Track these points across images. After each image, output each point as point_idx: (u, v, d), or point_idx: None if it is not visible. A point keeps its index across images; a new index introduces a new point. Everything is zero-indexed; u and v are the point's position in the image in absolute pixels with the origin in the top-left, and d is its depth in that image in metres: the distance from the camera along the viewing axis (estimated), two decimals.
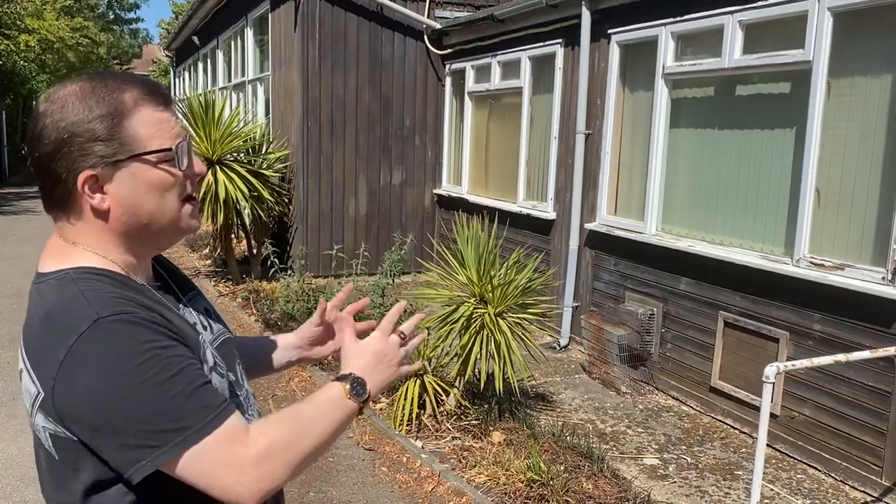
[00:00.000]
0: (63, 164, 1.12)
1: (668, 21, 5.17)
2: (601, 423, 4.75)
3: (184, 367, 1.07)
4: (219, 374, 1.19)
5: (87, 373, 1.03)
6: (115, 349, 1.04)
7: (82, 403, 1.04)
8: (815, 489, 3.94)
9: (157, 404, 1.03)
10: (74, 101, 1.12)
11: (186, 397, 1.05)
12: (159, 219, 1.17)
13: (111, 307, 1.06)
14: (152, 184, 1.15)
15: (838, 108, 4.07)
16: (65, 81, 1.17)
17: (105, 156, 1.12)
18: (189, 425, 1.04)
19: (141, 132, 1.13)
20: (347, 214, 8.69)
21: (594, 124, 6.10)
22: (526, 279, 4.47)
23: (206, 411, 1.06)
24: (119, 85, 1.14)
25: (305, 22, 8.19)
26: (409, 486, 3.88)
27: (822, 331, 4.10)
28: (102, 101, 1.12)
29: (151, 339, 1.06)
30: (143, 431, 1.03)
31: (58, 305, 1.09)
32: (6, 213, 14.19)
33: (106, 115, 1.11)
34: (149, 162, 1.14)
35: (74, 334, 1.04)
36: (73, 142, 1.11)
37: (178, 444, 1.04)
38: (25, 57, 17.57)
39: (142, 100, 1.14)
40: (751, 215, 4.68)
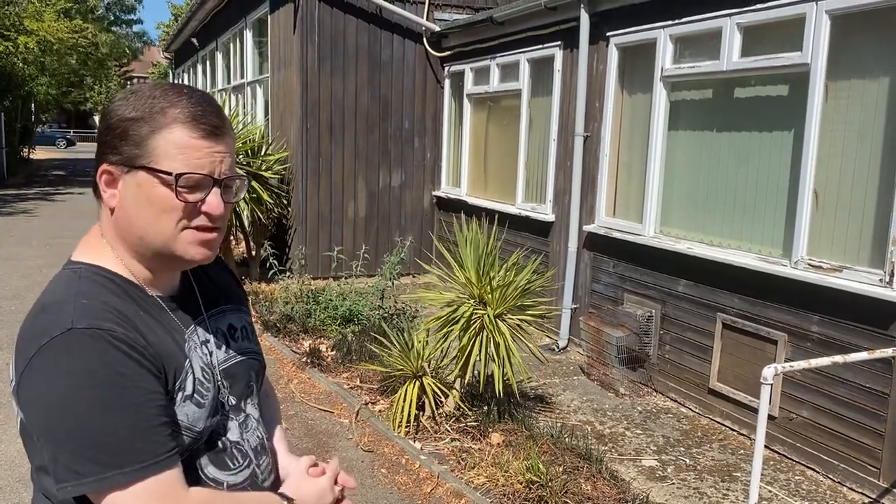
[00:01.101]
0: (100, 150, 1.17)
1: (667, 24, 5.18)
2: (600, 425, 4.76)
3: (140, 403, 1.05)
4: (196, 403, 1.16)
5: (45, 377, 1.03)
6: (76, 362, 1.03)
7: (35, 405, 1.06)
8: (814, 491, 3.95)
9: (98, 432, 1.02)
10: (132, 100, 1.15)
11: (131, 435, 1.04)
12: (152, 237, 1.15)
13: (90, 318, 1.06)
14: (151, 200, 1.14)
15: (836, 111, 4.09)
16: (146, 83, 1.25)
17: (124, 156, 1.14)
18: (122, 464, 1.03)
19: (162, 148, 1.13)
20: (346, 216, 8.70)
21: (593, 126, 6.11)
22: (525, 281, 4.47)
23: (145, 455, 1.04)
24: (173, 99, 1.14)
25: (304, 24, 8.20)
26: (408, 487, 3.88)
27: (820, 332, 4.11)
28: (147, 108, 1.13)
29: (117, 361, 1.04)
30: (76, 454, 1.02)
31: (52, 301, 1.11)
32: (5, 214, 14.18)
33: (140, 120, 1.13)
34: (157, 178, 1.13)
35: (47, 336, 1.04)
36: (109, 133, 1.15)
37: (105, 479, 1.02)
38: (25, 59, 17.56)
39: (181, 120, 1.13)
40: (749, 217, 4.69)
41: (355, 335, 6.01)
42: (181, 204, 1.14)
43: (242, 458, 1.26)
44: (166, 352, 1.13)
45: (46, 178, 22.42)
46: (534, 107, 7.12)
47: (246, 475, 1.26)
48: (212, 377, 1.22)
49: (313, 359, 5.68)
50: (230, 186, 1.20)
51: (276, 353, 6.07)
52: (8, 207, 15.16)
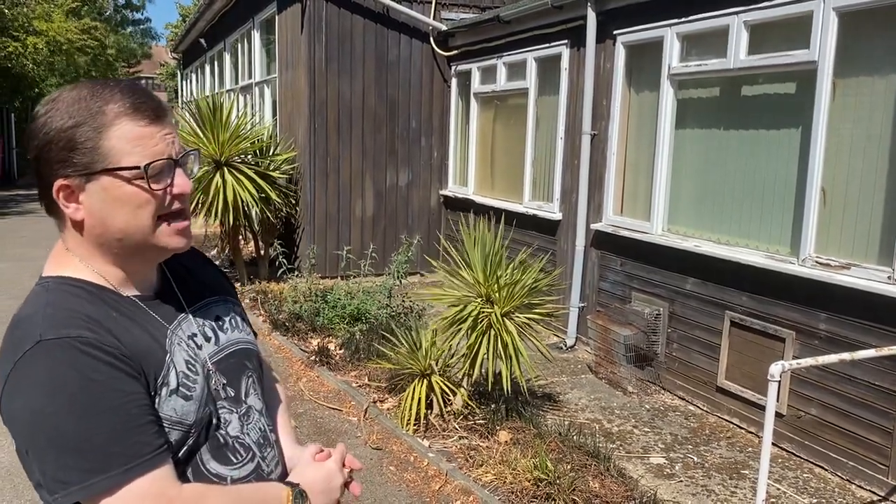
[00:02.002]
0: (45, 169, 1.13)
1: (674, 22, 5.18)
2: (608, 423, 4.77)
3: (118, 405, 1.04)
4: (183, 396, 1.15)
5: (22, 393, 1.03)
6: (50, 375, 1.02)
7: (17, 421, 1.05)
8: (822, 488, 3.95)
9: (78, 440, 1.01)
10: (60, 108, 1.12)
11: (112, 438, 1.03)
12: (132, 235, 1.15)
13: (57, 328, 1.05)
14: (123, 200, 1.12)
15: (844, 108, 4.08)
16: (64, 87, 1.18)
17: (79, 166, 1.10)
18: (105, 468, 1.02)
19: (116, 146, 1.11)
20: (354, 215, 8.73)
21: (600, 125, 6.12)
22: (532, 279, 4.49)
23: (130, 458, 1.04)
24: (106, 95, 1.12)
25: (312, 24, 8.23)
26: (416, 484, 3.90)
27: (828, 330, 4.11)
28: (83, 111, 1.11)
29: (90, 368, 1.03)
30: (60, 463, 1.02)
31: (23, 315, 1.11)
32: (15, 214, 14.29)
33: (83, 125, 1.10)
34: (121, 178, 1.11)
35: (20, 352, 1.04)
36: (51, 148, 1.11)
37: (91, 486, 1.01)
38: (34, 59, 17.67)
39: (125, 113, 1.12)
40: (757, 215, 4.69)
41: (363, 334, 6.04)
42: (153, 196, 1.14)
43: (245, 451, 1.25)
44: (143, 350, 1.12)
45: None
46: (541, 105, 7.12)
47: (250, 469, 1.25)
48: (199, 370, 1.20)
49: (322, 357, 5.71)
50: (186, 163, 1.20)
51: (285, 351, 6.10)
52: (18, 208, 15.27)
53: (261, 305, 7.25)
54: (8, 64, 17.01)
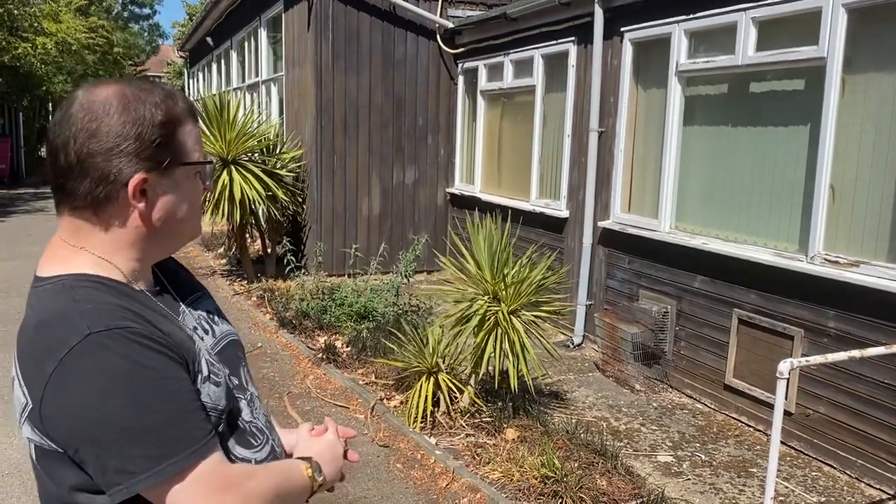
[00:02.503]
0: (117, 163, 1.11)
1: (681, 18, 5.16)
2: (615, 421, 4.76)
3: (174, 391, 1.06)
4: (214, 382, 1.17)
5: (74, 389, 1.01)
6: (104, 366, 1.02)
7: (68, 419, 1.03)
8: (831, 487, 3.93)
9: (142, 429, 1.02)
10: (135, 104, 1.13)
11: (173, 424, 1.04)
12: (185, 226, 1.22)
13: (105, 321, 1.04)
14: (188, 193, 1.20)
15: (853, 105, 4.06)
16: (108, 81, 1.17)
17: (158, 160, 1.14)
18: (170, 454, 1.03)
19: (187, 143, 1.18)
20: (361, 213, 8.73)
21: (607, 122, 6.10)
22: (539, 277, 4.48)
23: (191, 442, 1.05)
24: (169, 94, 1.19)
25: (319, 22, 8.24)
26: (423, 482, 3.90)
27: (837, 328, 4.09)
28: (161, 107, 1.14)
29: (143, 357, 1.04)
30: (124, 456, 1.01)
31: (51, 315, 1.08)
32: (23, 212, 14.35)
33: (166, 122, 1.14)
34: (190, 172, 1.20)
35: (66, 347, 1.02)
36: (132, 143, 1.11)
37: (159, 472, 1.02)
38: (42, 59, 17.74)
39: (186, 113, 1.19)
40: (765, 212, 4.67)
41: (370, 332, 6.04)
42: (203, 190, 1.25)
43: (260, 434, 1.28)
44: (179, 339, 1.13)
45: None
46: (548, 103, 7.11)
47: (268, 451, 1.28)
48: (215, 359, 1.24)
49: (329, 355, 5.72)
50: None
51: (293, 349, 6.11)
52: (26, 206, 15.34)
53: (267, 303, 7.27)
54: (17, 63, 17.08)
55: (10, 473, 3.90)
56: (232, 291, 8.03)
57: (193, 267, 9.25)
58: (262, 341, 6.33)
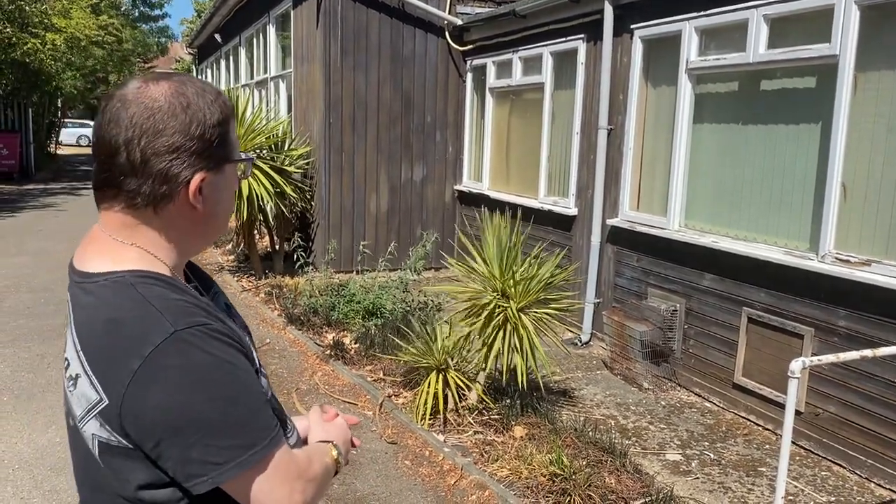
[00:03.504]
0: (181, 161, 1.12)
1: (692, 15, 5.14)
2: (623, 419, 4.75)
3: (251, 385, 1.11)
4: (263, 374, 1.23)
5: (161, 385, 1.03)
6: (190, 363, 1.04)
7: (153, 415, 1.04)
8: (840, 486, 3.92)
9: (226, 422, 1.06)
10: (197, 102, 1.14)
11: (253, 416, 1.09)
12: (226, 219, 1.27)
13: (184, 318, 1.07)
14: (232, 188, 1.24)
15: (865, 103, 4.03)
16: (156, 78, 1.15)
17: (216, 158, 1.17)
18: (253, 444, 1.07)
19: (234, 140, 1.23)
20: (369, 210, 8.74)
21: (616, 119, 6.08)
22: (548, 274, 4.47)
23: (267, 431, 1.10)
24: (219, 92, 1.22)
25: (327, 19, 8.24)
26: (431, 479, 3.90)
27: (847, 327, 4.07)
28: (217, 106, 1.16)
29: (223, 352, 1.08)
30: (209, 447, 1.04)
31: (125, 312, 1.08)
32: (32, 208, 14.42)
33: (223, 121, 1.17)
34: (235, 168, 1.24)
35: (150, 345, 1.03)
36: (198, 142, 1.13)
37: (243, 461, 1.06)
38: (52, 56, 17.80)
39: (230, 114, 1.22)
40: (775, 211, 4.65)
41: (378, 328, 6.05)
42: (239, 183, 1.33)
43: (290, 423, 1.33)
44: (237, 333, 1.17)
45: (74, 174, 22.75)
46: (557, 100, 7.09)
47: (296, 438, 1.33)
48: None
49: (337, 351, 5.72)
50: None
51: (301, 345, 6.12)
52: (35, 202, 15.41)
53: (275, 299, 7.28)
54: (27, 60, 17.15)
55: (21, 468, 3.92)
56: (240, 288, 8.05)
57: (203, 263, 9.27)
58: (270, 337, 6.34)
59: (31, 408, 4.69)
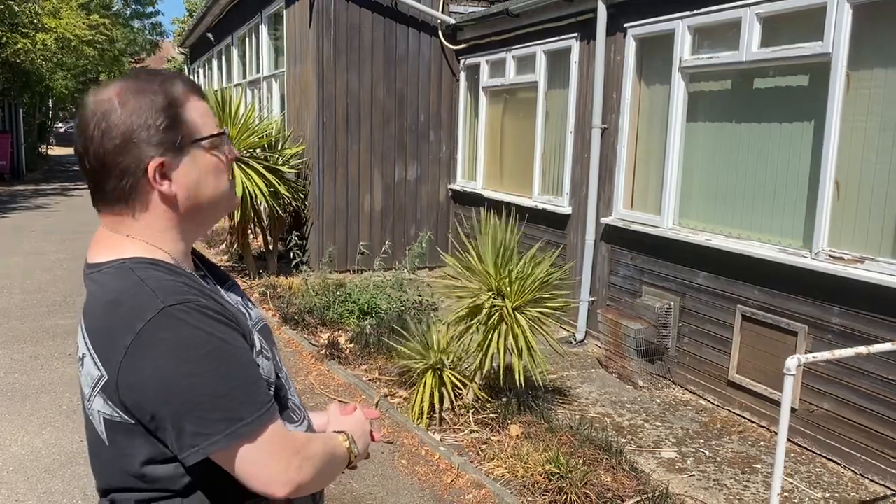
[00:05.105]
0: (132, 155, 1.17)
1: (685, 14, 5.15)
2: (618, 417, 4.76)
3: (241, 359, 1.14)
4: (265, 356, 1.26)
5: (152, 359, 1.08)
6: (180, 337, 1.08)
7: (146, 388, 1.09)
8: (835, 483, 3.94)
9: (215, 394, 1.09)
10: (135, 95, 1.18)
11: (244, 390, 1.12)
12: (216, 200, 1.26)
13: (175, 295, 1.12)
14: (210, 167, 1.24)
15: (858, 101, 4.05)
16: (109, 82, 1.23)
17: (171, 143, 1.19)
18: (243, 417, 1.10)
19: (195, 120, 1.22)
20: (363, 210, 8.73)
21: (610, 118, 6.09)
22: (544, 273, 4.48)
23: (259, 406, 1.12)
24: (166, 78, 1.23)
25: (320, 18, 8.22)
26: (428, 478, 3.91)
27: (841, 324, 4.09)
28: (160, 93, 1.19)
29: (213, 328, 1.11)
30: (200, 419, 1.08)
31: (122, 293, 1.14)
32: (24, 209, 14.34)
33: (167, 106, 1.19)
34: (204, 147, 1.22)
35: (141, 321, 1.08)
36: (141, 132, 1.17)
37: (231, 434, 1.09)
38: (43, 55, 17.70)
39: (188, 91, 1.23)
40: (769, 209, 4.67)
41: (373, 328, 6.04)
42: (226, 160, 1.27)
43: (299, 411, 1.36)
44: (235, 314, 1.20)
45: (65, 174, 22.64)
46: (550, 99, 7.10)
47: (305, 426, 1.36)
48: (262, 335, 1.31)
49: (332, 351, 5.72)
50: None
51: (295, 345, 6.11)
52: (27, 202, 15.34)
53: (270, 299, 7.27)
54: (17, 60, 17.05)
55: (16, 470, 3.90)
56: None
57: None
58: None
59: (24, 409, 4.66)
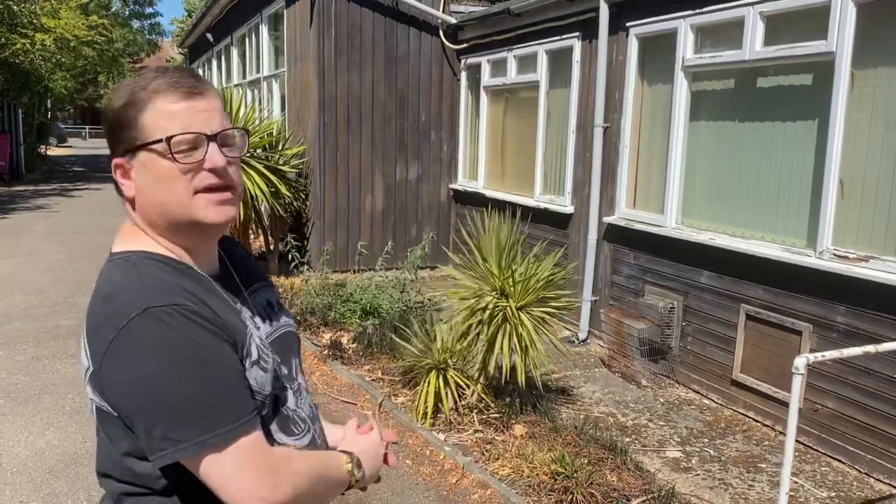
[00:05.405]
0: (110, 149, 1.22)
1: (688, 13, 5.15)
2: (622, 417, 4.75)
3: (220, 368, 1.11)
4: (262, 368, 1.22)
5: (129, 358, 1.08)
6: (158, 340, 1.07)
7: (121, 385, 1.09)
8: (840, 482, 3.93)
9: (189, 400, 1.07)
10: (117, 92, 1.20)
11: (220, 399, 1.09)
12: (171, 210, 1.18)
13: (163, 297, 1.10)
14: (159, 175, 1.16)
15: (862, 99, 4.05)
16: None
17: (126, 144, 1.18)
18: (216, 427, 1.08)
19: (150, 123, 1.15)
20: (364, 210, 8.72)
21: (612, 117, 6.09)
22: (548, 273, 4.47)
23: (234, 417, 1.10)
24: (149, 77, 1.19)
25: (321, 18, 8.21)
26: (433, 478, 3.90)
27: (846, 323, 4.08)
28: (127, 93, 1.18)
29: (195, 333, 1.09)
30: (170, 423, 1.06)
31: (117, 288, 1.15)
32: (24, 210, 14.32)
33: (128, 106, 1.17)
34: (155, 152, 1.15)
35: (125, 319, 1.08)
36: (109, 129, 1.21)
37: (200, 443, 1.07)
38: (42, 56, 17.68)
39: (159, 92, 1.16)
40: (773, 208, 4.66)
41: (376, 328, 6.03)
42: (185, 168, 1.16)
43: (302, 423, 1.33)
44: (231, 322, 1.18)
45: (64, 174, 22.62)
46: (552, 98, 7.09)
47: (308, 440, 1.32)
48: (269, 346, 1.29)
49: (334, 351, 5.71)
50: (231, 144, 1.22)
51: None
52: (27, 203, 15.30)
53: None
54: (16, 60, 17.02)
55: (20, 471, 3.88)
56: None
57: None
58: None
59: (27, 410, 4.65)
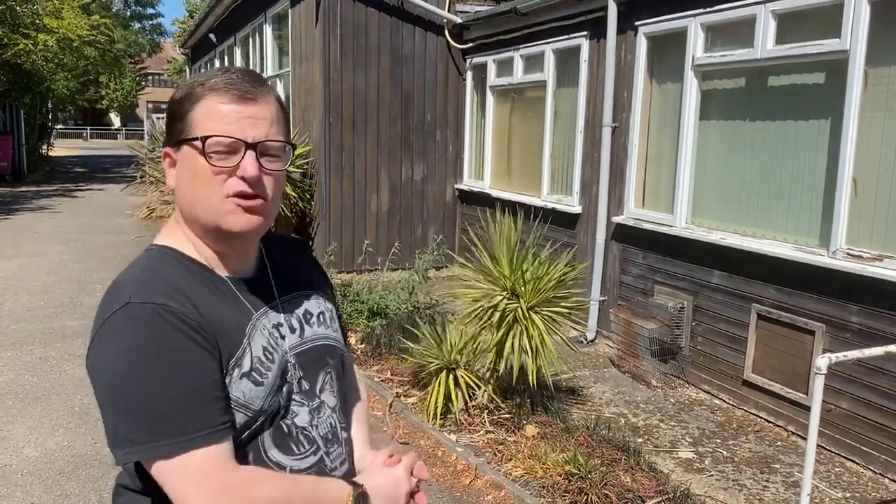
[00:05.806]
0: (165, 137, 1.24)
1: (698, 12, 5.13)
2: (633, 417, 4.73)
3: (190, 376, 1.07)
4: (254, 381, 1.16)
5: (105, 350, 1.09)
6: (130, 337, 1.07)
7: (97, 375, 1.10)
8: (854, 482, 3.91)
9: (149, 404, 1.05)
10: (183, 84, 1.22)
11: (180, 407, 1.05)
12: (200, 211, 1.16)
13: (146, 293, 1.09)
14: (195, 172, 1.15)
15: (876, 98, 4.03)
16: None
17: (174, 136, 1.18)
18: (172, 434, 1.05)
19: (196, 120, 1.15)
20: (369, 210, 8.70)
21: (621, 117, 6.06)
22: (559, 273, 4.45)
23: (196, 428, 1.06)
24: (210, 74, 1.19)
25: (327, 18, 8.19)
26: (446, 479, 3.88)
27: (859, 323, 4.06)
28: (189, 86, 1.18)
29: (167, 336, 1.07)
30: (132, 422, 1.06)
31: (121, 279, 1.17)
32: (28, 210, 14.30)
33: (184, 99, 1.17)
34: (195, 148, 1.14)
35: (109, 311, 1.09)
36: (168, 118, 1.21)
37: (154, 448, 1.05)
38: (44, 56, 17.67)
39: (214, 90, 1.15)
40: (784, 207, 4.64)
41: (384, 328, 6.01)
42: (217, 171, 1.13)
43: (309, 444, 1.24)
44: (223, 328, 1.14)
45: (67, 175, 22.60)
46: (559, 98, 7.07)
47: (312, 462, 1.24)
48: (276, 359, 1.20)
49: None
50: (273, 155, 1.19)
51: None
52: (30, 204, 15.29)
53: None
54: (18, 61, 17.01)
55: (30, 473, 3.87)
56: None
57: None
58: None
59: (36, 411, 4.63)
